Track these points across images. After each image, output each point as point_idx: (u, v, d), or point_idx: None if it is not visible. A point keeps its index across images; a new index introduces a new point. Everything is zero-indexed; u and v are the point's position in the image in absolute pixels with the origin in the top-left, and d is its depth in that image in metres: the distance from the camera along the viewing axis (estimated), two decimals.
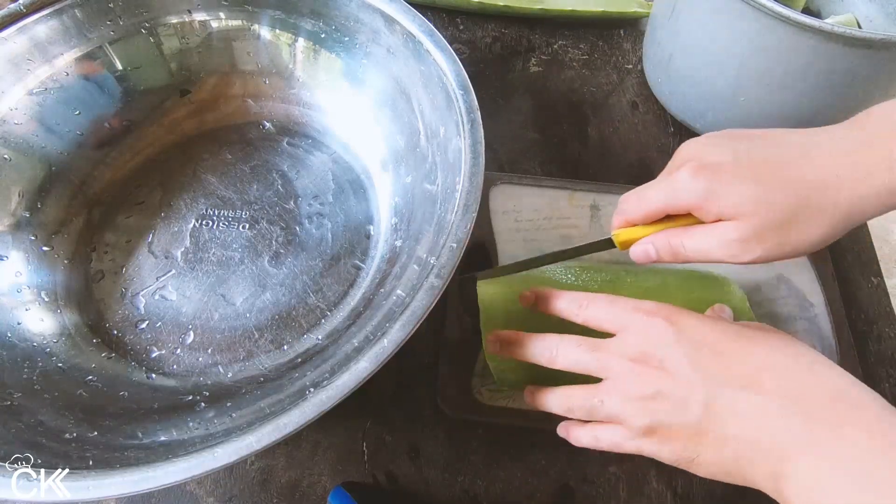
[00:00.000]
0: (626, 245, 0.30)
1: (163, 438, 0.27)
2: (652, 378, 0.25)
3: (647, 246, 0.29)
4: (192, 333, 0.34)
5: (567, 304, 0.29)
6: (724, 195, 0.25)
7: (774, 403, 0.22)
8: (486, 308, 0.34)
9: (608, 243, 0.30)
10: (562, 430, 0.29)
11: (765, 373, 0.23)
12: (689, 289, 0.37)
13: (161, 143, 0.41)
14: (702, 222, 0.27)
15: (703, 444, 0.23)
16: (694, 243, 0.27)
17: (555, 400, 0.28)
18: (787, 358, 0.24)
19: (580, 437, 0.28)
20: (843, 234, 0.25)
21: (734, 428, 0.23)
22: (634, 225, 0.29)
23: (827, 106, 0.39)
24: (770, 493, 0.23)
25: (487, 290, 0.35)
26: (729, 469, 0.23)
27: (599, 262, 0.38)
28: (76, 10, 0.36)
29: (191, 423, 0.28)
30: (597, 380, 0.27)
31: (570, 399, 0.27)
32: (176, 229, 0.38)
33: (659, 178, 0.29)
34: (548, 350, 0.28)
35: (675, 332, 0.25)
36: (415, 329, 0.24)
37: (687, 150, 0.28)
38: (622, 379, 0.25)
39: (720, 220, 0.26)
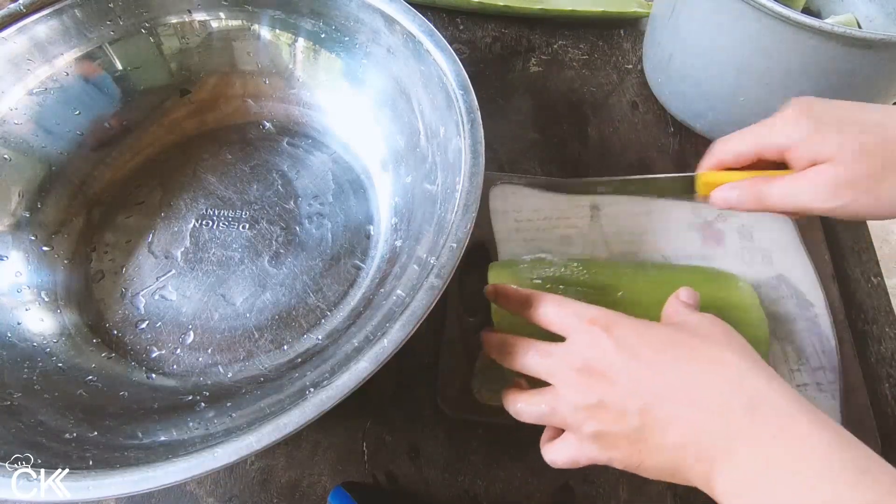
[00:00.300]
0: (708, 188, 0.30)
1: (163, 438, 0.27)
2: (595, 388, 0.25)
3: (731, 191, 0.29)
4: (192, 333, 0.34)
5: (519, 304, 0.29)
6: (825, 136, 0.26)
7: (701, 414, 0.23)
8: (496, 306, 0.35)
9: (689, 183, 0.30)
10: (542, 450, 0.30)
11: (692, 384, 0.24)
12: (697, 284, 0.37)
13: (161, 143, 0.41)
14: (788, 174, 0.28)
15: (643, 451, 0.24)
16: (782, 187, 0.28)
17: (506, 400, 0.29)
18: (713, 367, 0.24)
19: (545, 457, 0.28)
20: None
21: (668, 436, 0.24)
22: (725, 168, 0.30)
23: None
24: (708, 493, 0.24)
25: (498, 276, 0.35)
26: (670, 472, 0.24)
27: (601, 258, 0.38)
28: (76, 10, 0.36)
29: (191, 423, 0.28)
30: None
31: (518, 402, 0.28)
32: (176, 229, 0.38)
33: (760, 122, 0.29)
34: (505, 351, 0.29)
35: (613, 342, 0.25)
36: (415, 329, 0.24)
37: (795, 99, 0.29)
38: (569, 387, 0.26)
39: (813, 166, 0.27)
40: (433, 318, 0.28)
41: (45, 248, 0.36)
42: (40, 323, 0.33)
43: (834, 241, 0.42)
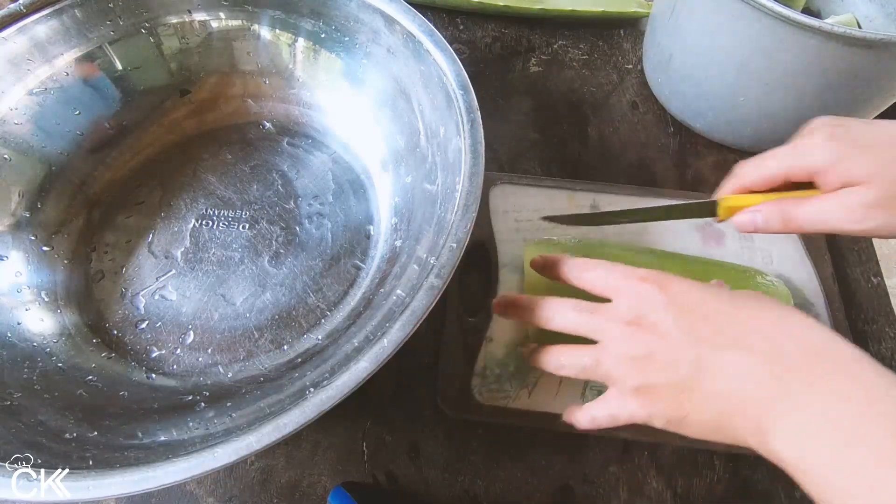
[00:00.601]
0: (730, 212, 0.29)
1: (163, 438, 0.27)
2: (644, 340, 0.25)
3: (755, 214, 0.29)
4: (192, 333, 0.34)
5: (569, 269, 0.30)
6: (856, 159, 0.26)
7: (757, 360, 0.23)
8: (530, 272, 0.35)
9: (709, 208, 0.30)
10: (566, 416, 0.30)
11: (750, 333, 0.24)
12: (732, 279, 0.37)
13: (161, 143, 0.41)
14: (816, 196, 0.27)
15: (691, 400, 0.24)
16: (811, 209, 0.27)
17: (547, 357, 0.29)
18: (771, 319, 0.24)
19: (579, 419, 0.28)
20: None
21: (720, 384, 0.23)
22: (747, 191, 0.29)
23: (827, 106, 0.39)
24: (757, 447, 0.23)
25: (533, 254, 0.35)
26: (717, 425, 0.24)
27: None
28: (76, 10, 0.36)
29: (191, 423, 0.28)
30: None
31: (562, 356, 0.28)
32: (176, 229, 0.38)
33: (785, 145, 0.29)
34: (545, 310, 0.28)
35: (665, 297, 0.26)
36: (415, 329, 0.24)
37: (818, 121, 0.29)
38: (616, 340, 0.26)
39: (843, 188, 0.26)
40: (433, 318, 0.28)
41: (45, 248, 0.36)
42: (40, 323, 0.33)
43: (834, 241, 0.42)
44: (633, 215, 0.33)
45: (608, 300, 0.28)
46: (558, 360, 0.28)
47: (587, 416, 0.28)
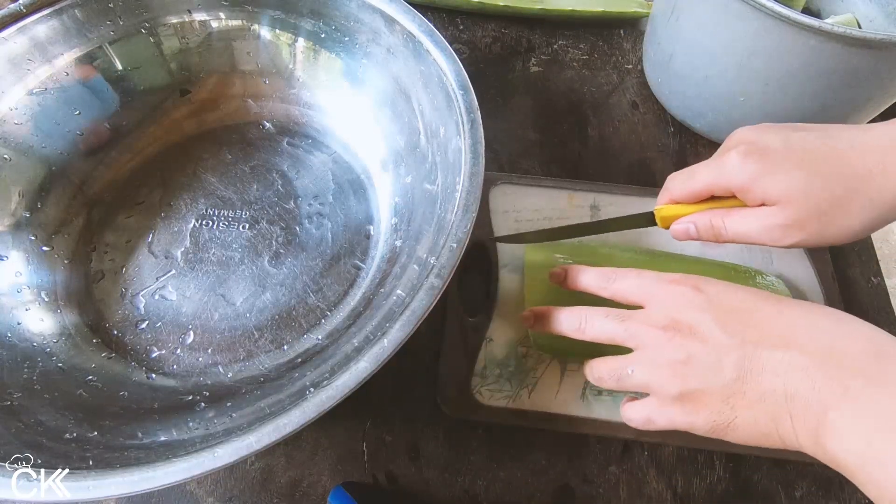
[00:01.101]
0: (668, 222, 0.30)
1: (163, 438, 0.27)
2: (683, 343, 0.24)
3: (689, 224, 0.29)
4: (192, 333, 0.34)
5: (595, 279, 0.29)
6: (771, 179, 0.26)
7: (809, 358, 0.22)
8: (531, 272, 0.36)
9: (649, 218, 0.31)
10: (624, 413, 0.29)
11: (798, 330, 0.23)
12: (733, 279, 0.37)
13: (161, 143, 0.41)
14: (745, 205, 0.28)
15: (738, 406, 0.23)
16: (736, 224, 0.28)
17: (587, 370, 0.29)
18: (818, 315, 0.23)
19: (623, 414, 0.28)
20: (884, 225, 0.26)
21: (769, 384, 0.22)
22: (679, 203, 0.30)
23: (827, 106, 0.39)
24: (810, 450, 0.22)
25: (534, 256, 0.36)
26: (766, 430, 0.23)
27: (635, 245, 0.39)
28: (76, 10, 0.36)
29: (191, 423, 0.28)
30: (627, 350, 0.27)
31: (598, 369, 0.28)
32: (176, 229, 0.38)
33: (709, 159, 0.29)
34: (577, 321, 0.28)
35: (703, 298, 0.25)
36: (415, 329, 0.24)
37: (739, 134, 0.29)
38: (652, 347, 0.25)
39: (763, 205, 0.26)
40: (433, 318, 0.28)
41: (45, 248, 0.36)
42: (40, 323, 0.33)
43: None
44: (576, 230, 0.33)
45: (639, 307, 0.27)
46: (597, 372, 0.28)
47: (625, 415, 0.27)
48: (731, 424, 0.23)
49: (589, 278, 0.30)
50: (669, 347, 0.25)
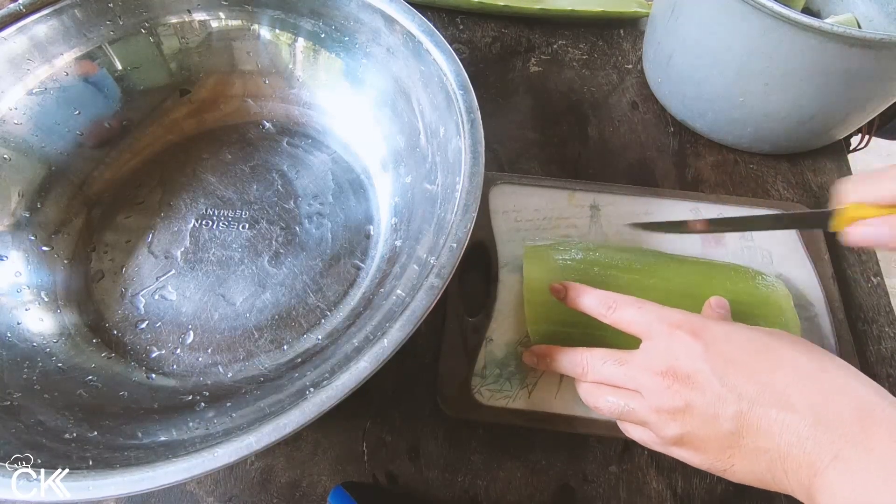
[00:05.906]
0: (849, 222, 0.28)
1: (163, 438, 0.27)
2: (680, 392, 0.25)
3: (879, 228, 0.27)
4: (192, 333, 0.34)
5: (596, 304, 0.30)
6: None
7: (803, 421, 0.22)
8: (530, 272, 0.36)
9: (827, 218, 0.29)
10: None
11: (792, 388, 0.23)
12: (733, 280, 0.37)
13: (161, 142, 0.41)
14: None
15: (735, 455, 0.24)
16: None
17: (584, 396, 0.29)
18: (813, 372, 0.24)
19: (620, 426, 0.29)
20: None
21: (765, 442, 0.23)
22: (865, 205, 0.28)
23: (827, 106, 0.39)
24: (805, 500, 0.23)
25: (532, 268, 0.36)
26: (763, 478, 0.24)
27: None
28: (76, 10, 0.36)
29: (191, 423, 0.28)
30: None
31: (597, 399, 0.28)
32: (176, 229, 0.38)
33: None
34: (578, 366, 0.29)
35: (701, 346, 0.25)
36: (415, 329, 0.24)
37: None
38: (651, 392, 0.26)
39: None
40: (433, 318, 0.28)
41: (45, 248, 0.36)
42: (40, 323, 0.33)
43: (834, 241, 0.42)
44: (737, 224, 0.33)
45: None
46: (595, 401, 0.29)
47: (622, 427, 0.28)
48: (727, 471, 0.25)
49: (590, 301, 0.30)
50: (668, 394, 0.25)
